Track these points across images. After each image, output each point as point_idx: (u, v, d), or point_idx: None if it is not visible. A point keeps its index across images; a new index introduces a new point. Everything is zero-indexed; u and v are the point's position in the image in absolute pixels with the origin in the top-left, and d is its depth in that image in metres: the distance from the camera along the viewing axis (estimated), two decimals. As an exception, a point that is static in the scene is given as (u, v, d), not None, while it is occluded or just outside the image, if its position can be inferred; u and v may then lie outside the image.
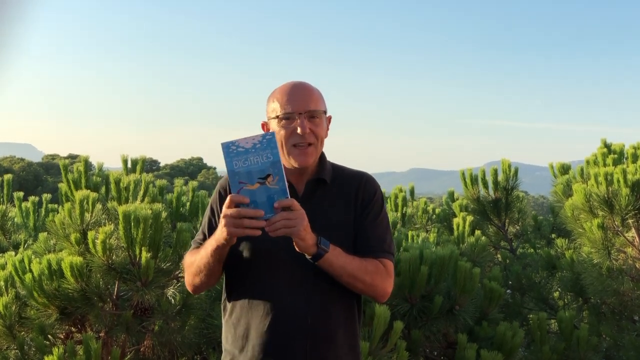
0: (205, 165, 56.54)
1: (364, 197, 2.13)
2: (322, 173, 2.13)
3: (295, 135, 2.04)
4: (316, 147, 2.08)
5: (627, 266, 4.34)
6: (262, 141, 1.83)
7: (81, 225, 3.60)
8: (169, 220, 4.04)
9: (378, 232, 2.12)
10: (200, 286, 2.13)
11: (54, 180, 38.77)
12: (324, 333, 2.03)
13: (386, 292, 2.10)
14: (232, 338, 2.10)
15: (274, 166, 1.83)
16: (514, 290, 5.56)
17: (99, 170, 4.42)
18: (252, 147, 1.83)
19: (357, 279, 2.02)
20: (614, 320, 4.70)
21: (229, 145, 1.84)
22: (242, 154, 1.83)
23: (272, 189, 1.83)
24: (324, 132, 2.10)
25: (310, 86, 2.12)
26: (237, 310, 2.09)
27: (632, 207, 4.16)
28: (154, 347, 3.80)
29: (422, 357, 4.31)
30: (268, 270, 2.04)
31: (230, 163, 1.84)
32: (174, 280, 3.72)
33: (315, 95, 2.09)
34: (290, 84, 2.11)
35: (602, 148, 5.37)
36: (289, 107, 2.04)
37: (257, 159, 1.83)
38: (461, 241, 4.82)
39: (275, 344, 2.01)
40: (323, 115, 2.10)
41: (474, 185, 6.08)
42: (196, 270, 2.08)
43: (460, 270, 3.94)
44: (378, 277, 2.05)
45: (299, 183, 2.12)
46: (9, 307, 3.55)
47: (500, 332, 4.04)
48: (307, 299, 2.02)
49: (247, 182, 1.83)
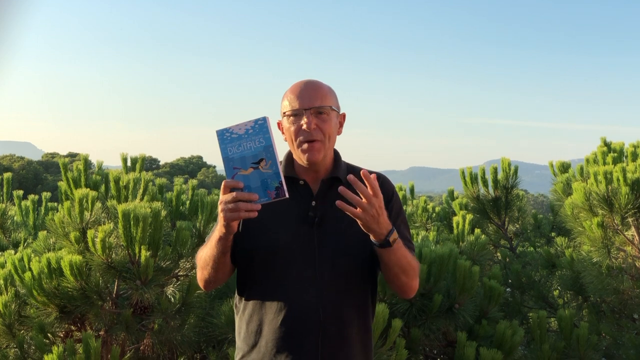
0: (205, 164, 56.51)
1: (383, 198, 2.15)
2: (337, 172, 2.14)
3: (303, 131, 2.05)
4: (324, 143, 2.07)
5: (626, 265, 4.34)
6: (254, 126, 1.86)
7: (81, 224, 3.60)
8: (169, 218, 4.04)
9: (402, 232, 2.13)
10: (209, 280, 2.12)
11: (54, 178, 38.78)
12: (336, 330, 2.04)
13: (415, 289, 2.15)
14: (244, 334, 2.11)
15: (267, 150, 1.85)
16: (514, 288, 5.56)
17: (99, 168, 4.42)
18: (245, 133, 1.86)
19: (405, 272, 2.03)
20: (614, 318, 4.70)
21: (223, 132, 1.86)
22: (236, 139, 1.86)
23: (265, 173, 1.84)
24: (332, 128, 2.10)
25: (319, 83, 2.13)
26: (250, 306, 2.10)
27: (631, 205, 4.16)
28: (154, 345, 3.80)
29: (422, 355, 4.31)
30: (282, 267, 2.05)
31: (224, 150, 1.86)
32: (174, 279, 3.72)
33: (322, 91, 2.10)
34: (300, 82, 2.13)
35: (602, 147, 5.37)
36: (297, 104, 2.06)
37: (250, 144, 1.85)
38: (461, 240, 4.82)
39: (287, 341, 2.02)
40: (331, 111, 2.10)
41: (474, 184, 6.08)
42: (203, 263, 2.09)
43: (460, 269, 3.94)
44: (416, 272, 2.10)
45: (314, 181, 2.13)
46: (8, 305, 3.56)
47: (500, 331, 4.04)
48: (320, 296, 2.03)
49: (240, 167, 1.85)
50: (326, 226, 2.00)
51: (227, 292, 4.13)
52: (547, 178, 6.87)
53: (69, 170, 4.28)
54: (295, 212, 2.06)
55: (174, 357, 4.01)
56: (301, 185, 2.11)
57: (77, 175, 4.20)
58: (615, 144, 5.32)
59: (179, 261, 3.68)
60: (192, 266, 3.75)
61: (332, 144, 2.12)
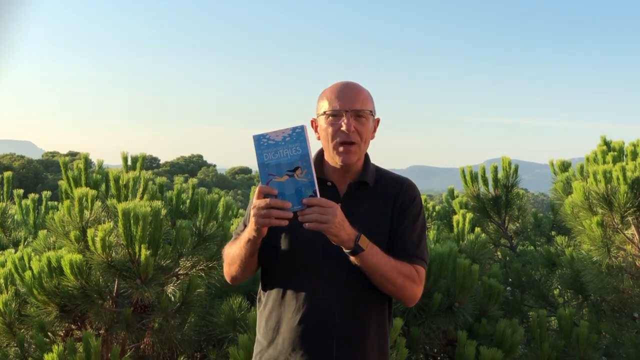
0: (205, 163, 56.49)
1: (403, 202, 2.15)
2: (365, 176, 2.15)
3: (341, 133, 2.07)
4: (360, 146, 2.09)
5: (626, 263, 4.34)
6: (292, 134, 1.87)
7: (81, 223, 3.60)
8: (169, 217, 4.04)
9: (413, 237, 2.14)
10: (237, 277, 2.17)
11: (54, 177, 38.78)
12: (352, 331, 2.05)
13: (415, 297, 2.13)
14: (264, 329, 2.14)
15: (303, 159, 1.86)
16: (514, 287, 5.56)
17: (99, 167, 4.43)
18: (282, 140, 1.87)
19: (389, 280, 2.04)
20: (614, 317, 4.70)
21: (260, 137, 1.88)
22: (272, 146, 1.87)
23: (300, 181, 1.86)
24: (369, 132, 2.12)
25: (359, 86, 2.15)
26: (270, 303, 2.13)
27: (631, 204, 4.16)
28: (154, 344, 3.80)
29: (422, 354, 4.32)
30: (302, 266, 2.07)
31: (260, 155, 1.88)
32: (174, 278, 3.73)
33: (363, 94, 2.12)
34: (340, 83, 2.15)
35: (602, 145, 5.37)
36: (337, 105, 2.08)
37: (287, 152, 1.87)
38: (461, 238, 4.82)
39: (304, 340, 2.04)
40: (370, 116, 2.11)
41: (474, 183, 6.08)
42: (231, 260, 2.14)
43: (460, 268, 3.94)
44: (409, 281, 2.08)
45: (342, 183, 2.14)
46: (8, 304, 3.56)
47: (500, 330, 4.04)
48: (337, 296, 2.04)
49: (276, 174, 1.87)
50: None
51: (228, 291, 4.13)
52: (547, 177, 6.87)
53: (69, 169, 4.28)
54: None
55: (174, 356, 4.01)
56: (329, 187, 2.13)
57: (77, 174, 4.20)
58: (615, 143, 5.32)
59: (179, 260, 3.68)
60: (192, 265, 3.75)
61: (366, 148, 2.14)
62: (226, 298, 3.90)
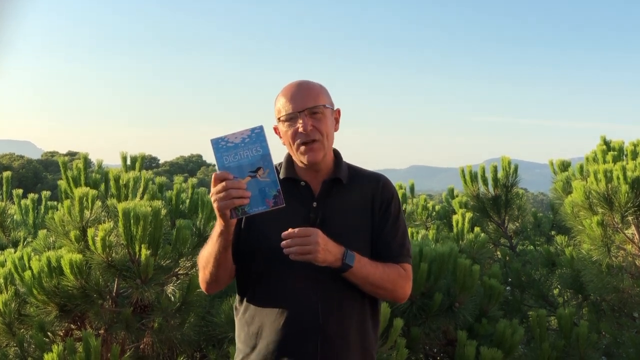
0: (204, 162, 56.46)
1: (382, 201, 2.14)
2: (339, 172, 2.14)
3: (300, 134, 2.05)
4: (322, 142, 2.07)
5: (626, 263, 4.34)
6: (251, 135, 1.87)
7: (80, 223, 3.59)
8: (169, 217, 4.03)
9: (397, 237, 2.14)
10: (211, 280, 2.10)
11: (54, 177, 38.75)
12: (336, 333, 2.04)
13: (406, 295, 2.15)
14: (245, 336, 2.10)
15: (264, 159, 1.86)
16: (514, 287, 5.55)
17: (99, 167, 4.42)
18: (241, 142, 1.87)
19: (379, 287, 2.06)
20: (614, 317, 4.70)
21: (218, 141, 1.87)
22: (232, 148, 1.86)
23: (263, 181, 1.86)
24: (329, 126, 2.09)
25: (309, 83, 2.12)
26: (251, 308, 2.10)
27: (631, 204, 4.16)
28: (154, 344, 3.80)
29: (422, 354, 4.31)
30: (283, 269, 2.04)
31: (220, 159, 1.87)
32: (174, 278, 3.72)
33: (314, 91, 2.09)
34: (290, 84, 2.12)
35: (602, 145, 5.37)
36: (290, 108, 2.06)
37: (247, 153, 1.87)
38: (461, 238, 4.82)
39: (287, 343, 2.02)
40: (326, 110, 2.09)
41: (474, 182, 6.08)
42: (205, 262, 2.09)
43: (460, 268, 3.94)
44: (399, 282, 2.10)
45: (315, 182, 2.12)
46: (8, 304, 3.56)
47: (500, 329, 4.04)
48: (320, 298, 2.03)
49: (238, 176, 1.86)
50: (327, 227, 1.99)
51: (227, 291, 4.12)
52: (547, 176, 6.87)
53: (68, 169, 4.27)
54: (296, 213, 2.05)
55: (174, 355, 4.01)
56: (302, 187, 2.11)
57: (76, 174, 4.19)
58: (614, 143, 5.32)
59: (179, 260, 3.68)
60: (192, 265, 3.74)
61: (331, 142, 2.12)
62: (226, 298, 3.89)
